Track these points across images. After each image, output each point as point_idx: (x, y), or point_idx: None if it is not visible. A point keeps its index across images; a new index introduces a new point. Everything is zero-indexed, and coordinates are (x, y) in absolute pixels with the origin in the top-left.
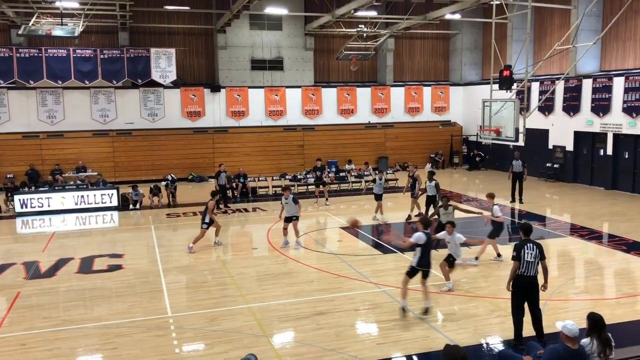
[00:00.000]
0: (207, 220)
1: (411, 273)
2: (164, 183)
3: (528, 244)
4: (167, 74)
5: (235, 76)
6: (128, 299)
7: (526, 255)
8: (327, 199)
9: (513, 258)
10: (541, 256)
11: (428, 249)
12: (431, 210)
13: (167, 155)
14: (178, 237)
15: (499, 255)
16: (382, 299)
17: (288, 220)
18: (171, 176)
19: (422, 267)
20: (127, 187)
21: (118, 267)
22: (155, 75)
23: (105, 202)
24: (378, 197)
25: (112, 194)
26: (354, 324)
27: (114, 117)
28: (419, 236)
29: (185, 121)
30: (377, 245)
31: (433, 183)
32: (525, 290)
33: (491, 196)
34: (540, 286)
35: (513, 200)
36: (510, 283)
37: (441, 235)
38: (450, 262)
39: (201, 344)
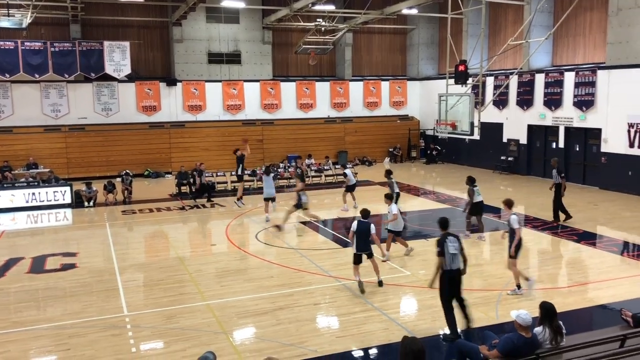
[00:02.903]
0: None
1: (356, 260)
2: (118, 179)
3: (449, 237)
4: (122, 68)
5: (191, 70)
6: (82, 298)
7: (449, 248)
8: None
9: (438, 254)
10: (461, 247)
11: (363, 235)
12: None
13: (122, 150)
14: (134, 234)
15: (527, 279)
16: (341, 293)
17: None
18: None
19: (361, 252)
20: (81, 184)
21: (72, 266)
22: (109, 69)
23: (57, 200)
24: (353, 188)
25: (64, 191)
26: (313, 318)
27: (66, 111)
28: (353, 225)
29: (140, 116)
30: (336, 239)
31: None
32: (453, 284)
33: (508, 204)
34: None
35: (558, 219)
36: (435, 280)
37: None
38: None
39: (158, 342)
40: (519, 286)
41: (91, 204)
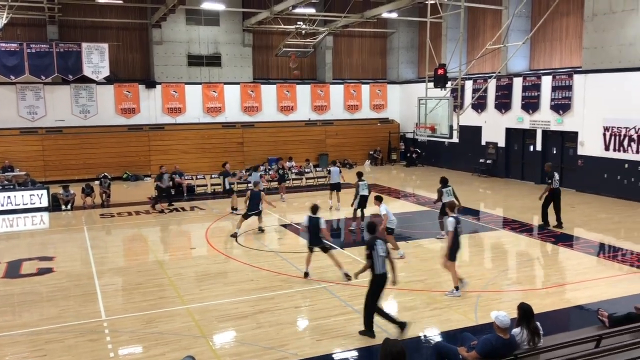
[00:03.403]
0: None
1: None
2: (97, 182)
3: (377, 241)
4: (100, 70)
5: (171, 72)
6: (59, 303)
7: (379, 251)
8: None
9: (367, 257)
10: (387, 252)
11: (313, 230)
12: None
13: (101, 153)
14: (112, 238)
15: (461, 280)
16: (322, 296)
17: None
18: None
19: (313, 246)
20: (58, 187)
21: (48, 270)
22: (87, 71)
23: (34, 203)
24: (335, 187)
25: (41, 195)
26: (294, 321)
27: (43, 114)
28: (304, 220)
29: (119, 118)
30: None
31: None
32: (380, 286)
33: (451, 207)
34: (390, 281)
35: (547, 225)
36: (359, 274)
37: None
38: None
39: (137, 347)
40: (457, 288)
41: (69, 207)
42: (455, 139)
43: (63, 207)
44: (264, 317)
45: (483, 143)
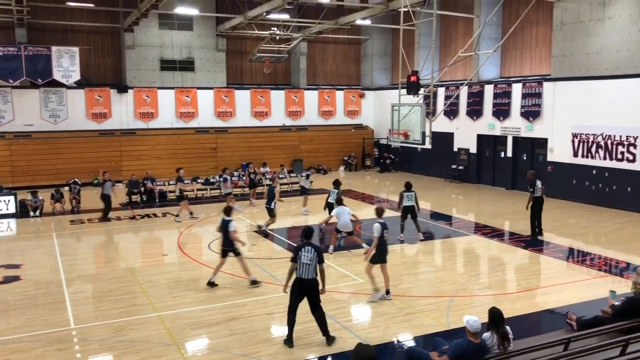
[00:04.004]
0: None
1: (222, 254)
2: (67, 188)
3: (306, 247)
4: (70, 74)
5: (143, 76)
6: (27, 311)
7: (302, 257)
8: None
9: (291, 260)
10: (319, 259)
11: (224, 232)
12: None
13: (71, 158)
14: (82, 244)
15: (376, 290)
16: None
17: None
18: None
19: (224, 247)
20: (26, 193)
21: (15, 278)
22: (57, 75)
23: (1, 210)
24: (304, 191)
25: (8, 201)
26: (267, 328)
27: (10, 118)
28: (219, 221)
29: (90, 123)
30: (291, 248)
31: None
32: (301, 292)
33: (378, 212)
34: (319, 289)
35: (535, 234)
36: (287, 284)
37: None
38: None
39: (107, 355)
40: (387, 291)
41: (37, 213)
42: (427, 145)
43: (31, 213)
44: (236, 324)
45: (455, 149)
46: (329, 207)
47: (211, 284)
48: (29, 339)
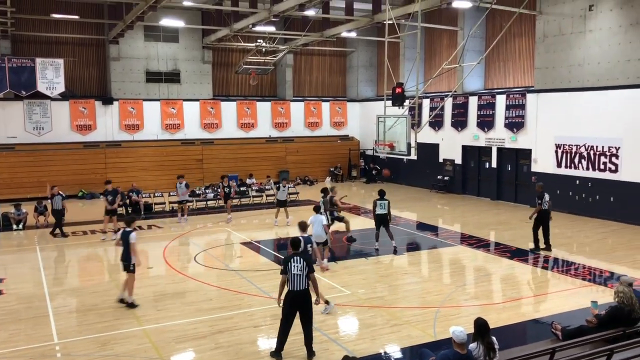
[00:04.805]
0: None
1: (123, 268)
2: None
3: (295, 257)
4: (55, 86)
5: (129, 88)
6: (9, 326)
7: (292, 268)
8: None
9: (281, 272)
10: (309, 269)
11: (124, 245)
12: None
13: (55, 171)
14: (66, 258)
15: (327, 302)
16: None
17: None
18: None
19: (122, 260)
20: (9, 206)
21: None
22: (42, 87)
23: None
24: (281, 204)
25: None
26: (254, 340)
27: None
28: (118, 234)
29: (74, 135)
30: (278, 260)
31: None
32: (293, 304)
33: (301, 226)
34: (313, 300)
35: (539, 248)
36: (281, 297)
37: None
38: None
39: None
40: (327, 302)
41: (20, 226)
42: (413, 156)
43: (14, 226)
44: (222, 337)
45: (440, 160)
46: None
47: (123, 301)
48: (11, 354)
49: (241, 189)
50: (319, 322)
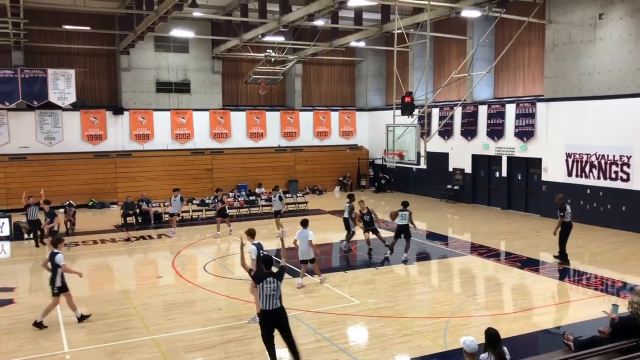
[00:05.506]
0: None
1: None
2: (61, 210)
3: (267, 279)
4: (66, 96)
5: (139, 98)
6: (19, 335)
7: (265, 289)
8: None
9: (254, 285)
10: (281, 282)
11: (53, 267)
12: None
13: (66, 180)
14: (77, 266)
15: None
16: (291, 324)
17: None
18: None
19: (51, 284)
20: (21, 216)
21: (8, 301)
22: (53, 97)
23: None
24: (276, 214)
25: (3, 223)
26: (263, 350)
27: (6, 140)
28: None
29: (85, 145)
30: (288, 270)
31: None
32: (268, 324)
33: (250, 234)
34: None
35: (567, 262)
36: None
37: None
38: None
39: None
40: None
41: (31, 236)
42: (423, 165)
43: (25, 235)
44: (232, 347)
45: (450, 169)
46: (345, 222)
47: (38, 325)
48: None
49: (250, 198)
50: (329, 332)
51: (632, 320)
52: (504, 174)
